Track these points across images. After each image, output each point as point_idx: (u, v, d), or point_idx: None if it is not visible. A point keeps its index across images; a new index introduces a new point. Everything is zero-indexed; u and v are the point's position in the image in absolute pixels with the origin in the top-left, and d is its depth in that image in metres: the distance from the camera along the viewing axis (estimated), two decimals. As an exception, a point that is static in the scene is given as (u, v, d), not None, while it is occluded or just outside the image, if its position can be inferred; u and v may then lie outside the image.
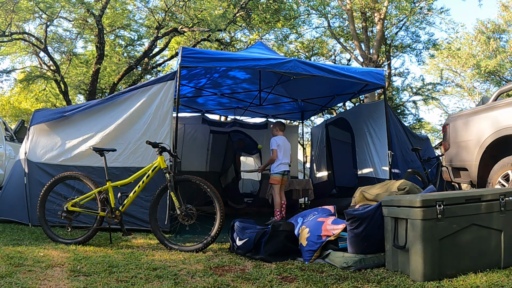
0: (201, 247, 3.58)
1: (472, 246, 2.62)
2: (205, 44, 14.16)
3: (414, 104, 20.24)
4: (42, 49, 12.57)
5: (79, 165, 4.82)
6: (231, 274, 2.74)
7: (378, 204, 2.98)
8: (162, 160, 3.83)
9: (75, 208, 3.89)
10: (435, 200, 2.56)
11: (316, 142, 8.79)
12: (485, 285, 2.33)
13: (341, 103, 12.35)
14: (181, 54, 4.83)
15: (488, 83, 19.47)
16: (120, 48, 15.56)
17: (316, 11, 14.78)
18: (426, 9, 13.28)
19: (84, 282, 2.44)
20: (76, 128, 4.96)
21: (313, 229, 3.32)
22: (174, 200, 3.71)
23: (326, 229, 3.20)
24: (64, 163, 4.86)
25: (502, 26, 16.43)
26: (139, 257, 3.25)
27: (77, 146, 4.90)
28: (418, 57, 17.04)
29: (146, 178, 3.87)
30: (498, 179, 4.35)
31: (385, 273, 2.69)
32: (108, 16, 12.92)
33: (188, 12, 11.73)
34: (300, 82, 6.91)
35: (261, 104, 7.80)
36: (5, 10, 10.18)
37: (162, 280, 2.54)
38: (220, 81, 7.40)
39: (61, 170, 4.68)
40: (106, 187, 3.91)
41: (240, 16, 12.73)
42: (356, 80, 5.51)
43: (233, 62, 5.13)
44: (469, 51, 17.06)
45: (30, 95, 16.90)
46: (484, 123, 4.63)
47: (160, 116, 4.85)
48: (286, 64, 5.13)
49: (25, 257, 3.07)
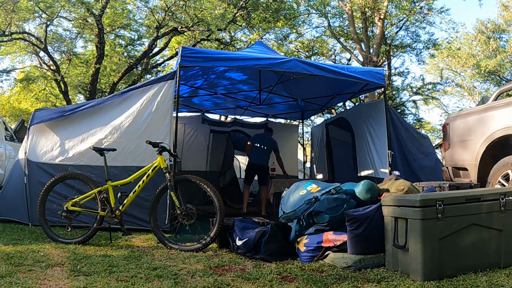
0: (200, 247, 3.59)
1: (472, 246, 2.62)
2: (205, 43, 14.16)
3: (414, 104, 20.24)
4: (42, 49, 12.57)
5: (79, 165, 4.83)
6: (231, 273, 2.74)
7: (378, 205, 2.98)
8: (162, 159, 3.83)
9: (75, 208, 3.89)
10: (435, 200, 2.56)
11: (317, 142, 8.78)
12: (485, 284, 2.33)
13: (341, 102, 12.35)
14: (181, 53, 4.83)
15: (488, 83, 19.47)
16: (120, 47, 15.57)
17: (316, 10, 14.77)
18: (426, 8, 13.28)
19: (84, 281, 2.44)
20: (76, 127, 4.96)
21: (313, 236, 3.29)
22: (174, 200, 3.72)
23: (328, 239, 3.17)
24: (64, 162, 4.86)
25: (502, 26, 16.43)
26: (139, 256, 3.26)
27: (77, 145, 4.89)
28: (418, 57, 17.04)
29: (146, 177, 3.88)
30: (498, 179, 4.35)
31: (385, 273, 2.69)
32: (108, 15, 12.92)
33: (188, 12, 11.73)
34: (300, 82, 6.91)
35: (261, 103, 7.80)
36: (5, 10, 10.18)
37: (162, 279, 2.54)
38: (216, 82, 7.40)
39: (61, 170, 4.68)
40: (106, 187, 3.91)
41: (240, 16, 12.73)
42: (356, 80, 5.51)
43: (233, 61, 5.13)
44: (469, 51, 17.06)
45: (30, 95, 16.90)
46: (484, 122, 4.63)
47: (160, 115, 4.85)
48: (286, 64, 5.12)
49: (25, 256, 3.07)
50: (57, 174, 4.13)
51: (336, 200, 3.24)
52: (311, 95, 7.76)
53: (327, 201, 3.23)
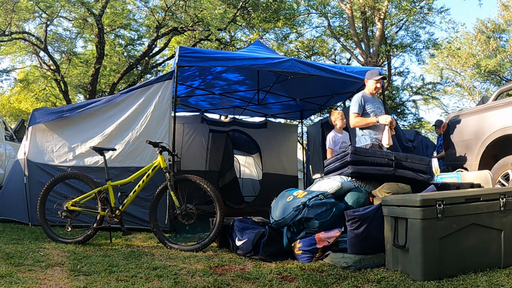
0: (200, 247, 3.58)
1: (472, 245, 2.62)
2: (205, 43, 14.16)
3: (414, 104, 20.25)
4: (42, 49, 12.57)
5: (79, 166, 4.83)
6: (231, 273, 2.74)
7: (378, 205, 2.98)
8: (162, 159, 3.83)
9: (75, 208, 3.89)
10: (435, 200, 2.56)
11: (312, 142, 8.74)
12: (485, 284, 2.33)
13: (340, 102, 12.35)
14: (178, 53, 4.82)
15: (488, 83, 19.47)
16: (120, 47, 15.56)
17: (316, 10, 14.77)
18: (426, 8, 13.27)
19: (84, 281, 2.44)
20: (76, 128, 4.96)
21: (305, 240, 3.27)
22: (174, 200, 3.72)
23: (321, 238, 3.17)
24: (64, 163, 4.86)
25: (502, 25, 16.43)
26: (139, 256, 3.25)
27: (76, 146, 4.90)
28: (418, 57, 17.02)
29: (146, 177, 3.87)
30: (498, 179, 4.35)
31: (385, 273, 2.69)
32: (108, 15, 12.91)
33: (188, 12, 11.73)
34: (298, 82, 6.91)
35: (259, 103, 7.80)
36: (5, 10, 10.18)
37: (162, 279, 2.54)
38: (214, 82, 7.39)
39: (61, 170, 4.68)
40: (106, 187, 3.91)
41: (240, 16, 12.72)
42: (353, 79, 5.51)
43: (231, 61, 5.12)
44: (469, 50, 17.05)
45: (30, 95, 16.90)
46: (484, 122, 4.63)
47: (159, 115, 4.85)
48: (283, 64, 5.11)
49: (25, 256, 3.07)
50: (57, 174, 4.13)
51: (325, 204, 3.23)
52: (309, 94, 7.76)
53: (315, 206, 3.22)
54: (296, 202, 3.31)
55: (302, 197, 3.34)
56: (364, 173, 3.56)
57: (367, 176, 3.60)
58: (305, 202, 3.24)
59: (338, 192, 3.49)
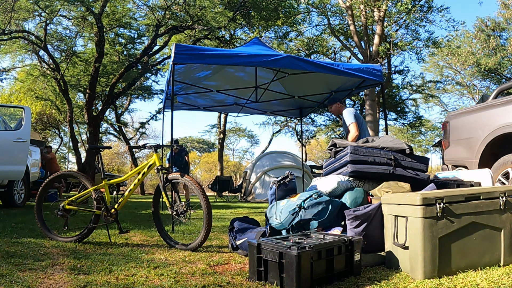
0: (195, 246, 3.54)
1: (472, 244, 2.62)
2: (205, 42, 14.15)
3: (414, 102, 20.25)
4: (42, 48, 12.56)
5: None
6: (232, 272, 2.74)
7: (378, 203, 2.99)
8: (157, 157, 3.80)
9: (71, 207, 3.88)
10: (435, 198, 2.56)
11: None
12: (485, 283, 2.33)
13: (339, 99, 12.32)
14: (174, 51, 4.76)
15: (488, 81, 19.47)
16: (120, 46, 15.55)
17: (316, 9, 14.75)
18: (425, 7, 13.25)
19: (84, 280, 2.44)
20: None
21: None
22: (165, 200, 3.69)
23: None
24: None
25: (502, 24, 16.42)
26: (139, 255, 3.25)
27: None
28: (418, 55, 17.01)
29: (141, 175, 3.85)
30: (498, 177, 4.35)
31: (385, 271, 2.69)
32: (107, 14, 12.90)
33: (188, 10, 11.71)
34: (297, 79, 6.90)
35: (257, 100, 7.77)
36: (5, 9, 10.17)
37: (163, 278, 2.54)
38: (212, 79, 7.36)
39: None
40: (101, 185, 3.88)
41: (240, 14, 12.70)
42: (352, 77, 5.49)
43: (228, 58, 5.07)
44: (469, 49, 17.05)
45: (30, 94, 16.89)
46: (484, 121, 4.62)
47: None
48: (281, 61, 5.07)
49: (25, 255, 3.07)
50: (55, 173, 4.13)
51: (320, 203, 3.23)
52: (308, 92, 7.74)
53: (311, 207, 3.22)
54: (292, 206, 3.31)
55: (296, 199, 3.34)
56: (363, 172, 3.56)
57: (366, 175, 3.60)
58: (300, 204, 3.24)
59: (334, 192, 3.48)
